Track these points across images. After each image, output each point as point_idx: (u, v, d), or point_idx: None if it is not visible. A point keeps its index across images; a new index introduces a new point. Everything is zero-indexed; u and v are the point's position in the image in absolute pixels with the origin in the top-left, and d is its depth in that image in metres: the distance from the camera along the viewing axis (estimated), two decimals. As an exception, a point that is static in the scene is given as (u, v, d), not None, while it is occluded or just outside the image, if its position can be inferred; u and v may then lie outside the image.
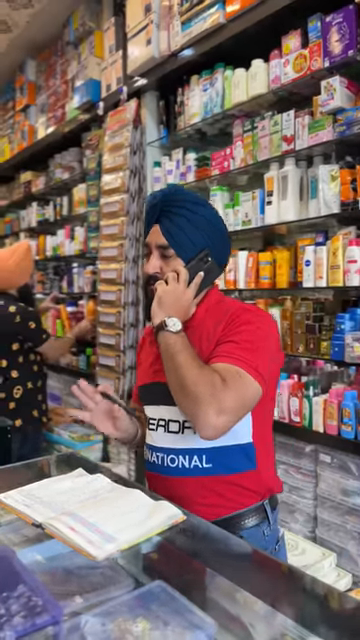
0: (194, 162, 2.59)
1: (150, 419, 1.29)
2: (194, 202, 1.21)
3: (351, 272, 1.87)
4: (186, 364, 1.07)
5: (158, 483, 1.25)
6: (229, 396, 1.04)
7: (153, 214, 1.21)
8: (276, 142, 2.13)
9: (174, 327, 1.12)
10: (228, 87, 2.34)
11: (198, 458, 1.18)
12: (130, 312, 2.79)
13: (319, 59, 1.95)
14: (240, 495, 1.19)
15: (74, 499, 1.15)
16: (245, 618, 0.83)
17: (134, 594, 0.87)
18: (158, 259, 1.22)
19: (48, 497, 1.17)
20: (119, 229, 2.78)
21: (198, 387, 1.04)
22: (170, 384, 1.12)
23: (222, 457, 1.16)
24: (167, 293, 1.15)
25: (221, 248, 1.24)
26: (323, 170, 1.95)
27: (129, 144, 2.77)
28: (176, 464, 1.21)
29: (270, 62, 2.16)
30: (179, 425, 1.21)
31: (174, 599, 0.83)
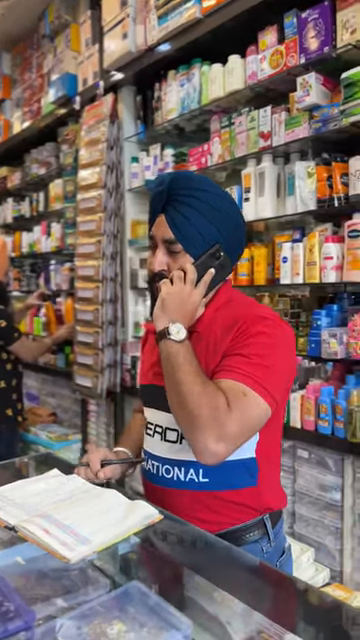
0: (172, 158, 2.57)
1: (148, 423, 1.23)
2: (205, 190, 1.08)
3: (327, 268, 1.87)
4: (188, 381, 0.98)
5: (152, 492, 1.19)
6: (232, 421, 0.95)
7: (159, 202, 1.08)
8: (253, 138, 2.13)
9: (177, 335, 1.01)
10: (205, 82, 2.33)
11: (194, 472, 1.11)
12: (108, 309, 2.76)
13: (295, 55, 1.95)
14: (237, 512, 1.11)
15: (48, 500, 1.13)
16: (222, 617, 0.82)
17: (110, 596, 0.85)
18: (164, 254, 1.09)
19: (21, 499, 1.14)
20: (96, 225, 2.75)
21: (199, 409, 0.95)
22: (169, 399, 1.03)
23: (221, 472, 1.08)
24: (171, 295, 1.03)
25: (235, 241, 1.12)
26: (299, 167, 1.95)
27: (106, 139, 2.74)
28: (171, 475, 1.14)
29: (247, 58, 2.15)
30: (177, 435, 1.13)
31: (150, 599, 0.81)
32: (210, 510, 1.11)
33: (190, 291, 1.05)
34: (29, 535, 0.98)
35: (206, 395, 0.96)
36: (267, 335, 1.04)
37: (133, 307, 2.88)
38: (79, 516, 1.03)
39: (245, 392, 0.98)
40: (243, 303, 1.16)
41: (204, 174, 2.44)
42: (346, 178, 1.83)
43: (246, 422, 0.98)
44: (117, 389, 2.83)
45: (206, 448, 0.95)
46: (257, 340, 1.03)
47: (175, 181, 1.07)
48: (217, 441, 0.94)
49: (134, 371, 2.78)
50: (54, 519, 1.02)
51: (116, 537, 0.98)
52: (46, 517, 1.02)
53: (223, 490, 1.10)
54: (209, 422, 0.94)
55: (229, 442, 0.96)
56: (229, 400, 0.97)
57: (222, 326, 1.09)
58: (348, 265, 1.80)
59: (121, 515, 1.05)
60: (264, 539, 1.15)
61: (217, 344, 1.08)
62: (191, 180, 1.09)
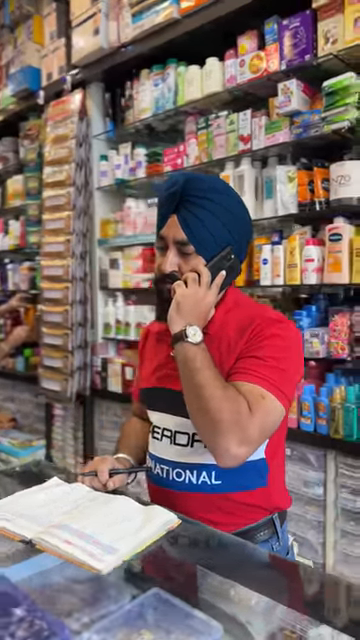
0: (145, 157, 2.55)
1: (154, 426, 1.22)
2: (219, 191, 1.08)
3: (308, 270, 1.93)
4: (208, 384, 0.97)
5: (161, 496, 1.17)
6: (254, 425, 0.96)
7: (171, 202, 1.07)
8: (232, 141, 2.15)
9: (194, 337, 1.00)
10: (181, 83, 2.33)
11: (207, 474, 1.11)
12: (78, 310, 2.69)
13: (276, 61, 1.99)
14: (248, 512, 1.13)
15: (57, 511, 1.09)
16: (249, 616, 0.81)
17: (132, 605, 0.83)
18: (176, 256, 1.08)
19: (28, 510, 1.10)
20: (65, 224, 2.67)
21: (222, 414, 0.95)
22: (188, 402, 1.02)
23: (233, 474, 1.09)
24: (187, 297, 1.03)
25: (244, 242, 1.14)
26: (280, 171, 1.99)
27: (74, 136, 2.67)
28: (182, 479, 1.13)
29: (225, 61, 2.17)
30: (188, 438, 1.13)
31: (174, 606, 0.80)
32: (222, 512, 1.12)
33: (205, 293, 1.05)
34: (51, 548, 0.94)
35: (227, 399, 0.97)
36: (281, 338, 1.06)
37: (102, 308, 2.83)
38: (98, 525, 1.00)
39: (264, 395, 1.00)
40: (253, 305, 1.17)
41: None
42: (327, 183, 1.89)
43: (266, 425, 1.00)
44: (87, 392, 2.76)
45: (228, 452, 0.96)
46: (272, 343, 1.05)
47: (189, 182, 1.07)
48: (239, 445, 0.95)
49: (104, 373, 2.73)
50: (73, 529, 0.98)
51: (140, 545, 0.96)
52: (63, 527, 0.99)
53: (235, 492, 1.12)
54: (232, 426, 0.95)
55: (250, 445, 0.97)
56: (250, 404, 0.97)
57: (235, 328, 1.10)
58: (329, 267, 1.86)
59: (140, 522, 1.03)
60: (274, 538, 1.17)
61: (230, 346, 1.09)
62: (205, 182, 1.09)
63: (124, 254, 2.68)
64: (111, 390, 2.70)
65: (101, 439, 2.84)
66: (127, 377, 2.59)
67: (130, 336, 2.64)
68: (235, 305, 1.16)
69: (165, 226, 1.09)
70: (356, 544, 1.85)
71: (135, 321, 2.62)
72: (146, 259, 2.57)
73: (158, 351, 1.25)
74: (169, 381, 1.17)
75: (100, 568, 0.88)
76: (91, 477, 1.17)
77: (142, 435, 1.34)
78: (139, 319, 2.59)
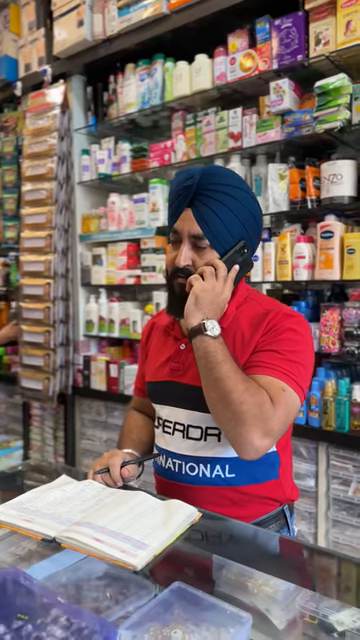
0: (130, 152, 2.53)
1: (165, 421, 1.21)
2: (235, 185, 1.07)
3: (300, 267, 1.97)
4: (230, 378, 0.97)
5: (171, 490, 1.16)
6: (276, 417, 0.97)
7: (186, 196, 1.06)
8: (222, 138, 2.16)
9: (213, 331, 1.01)
10: (169, 79, 2.32)
11: (221, 467, 1.11)
12: (60, 307, 2.64)
13: (268, 60, 2.01)
14: (260, 504, 1.14)
15: (77, 508, 1.08)
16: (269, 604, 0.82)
17: (157, 600, 0.83)
18: (190, 250, 1.08)
19: (47, 509, 1.07)
20: (47, 218, 2.61)
21: (245, 406, 0.95)
22: (209, 396, 1.02)
23: (246, 467, 1.10)
24: (205, 291, 1.03)
25: (255, 237, 1.14)
26: (272, 169, 2.02)
27: (56, 129, 2.62)
28: (196, 473, 1.13)
29: (215, 58, 2.18)
30: (201, 432, 1.13)
31: (198, 598, 0.80)
32: (235, 504, 1.13)
33: (222, 287, 1.06)
34: (78, 546, 0.92)
35: (250, 392, 0.98)
36: (296, 332, 1.08)
37: (84, 305, 2.78)
38: (122, 521, 0.99)
39: (284, 388, 1.01)
40: (264, 299, 1.18)
41: (167, 170, 2.44)
42: (318, 181, 1.93)
43: (287, 418, 1.02)
44: (69, 391, 2.71)
45: (251, 444, 0.97)
46: (288, 336, 1.07)
47: (206, 176, 1.06)
48: (263, 437, 0.97)
49: (87, 371, 2.69)
50: (98, 526, 0.97)
51: (168, 539, 0.96)
52: (88, 525, 0.97)
53: (248, 484, 1.13)
54: (255, 418, 0.96)
55: (273, 438, 0.99)
56: (271, 396, 0.99)
57: (248, 322, 1.11)
58: (320, 264, 1.91)
59: (162, 516, 1.03)
60: (284, 529, 1.20)
61: (245, 339, 1.10)
62: (222, 175, 1.08)
63: (108, 250, 2.65)
64: (94, 388, 2.66)
65: (83, 438, 2.80)
66: (112, 375, 2.56)
67: (114, 333, 2.61)
68: (246, 299, 1.17)
69: (179, 219, 1.09)
70: (347, 532, 1.91)
71: (120, 318, 2.59)
72: (131, 255, 2.55)
73: (165, 344, 1.25)
74: (179, 375, 1.17)
75: (134, 564, 0.87)
76: (103, 474, 1.16)
77: (145, 430, 1.34)
78: (124, 316, 2.57)
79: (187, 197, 1.06)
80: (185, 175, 1.09)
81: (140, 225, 2.47)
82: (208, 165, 1.12)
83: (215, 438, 1.12)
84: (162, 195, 2.40)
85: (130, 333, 2.54)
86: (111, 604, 0.84)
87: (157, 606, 0.81)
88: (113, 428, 2.64)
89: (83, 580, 0.92)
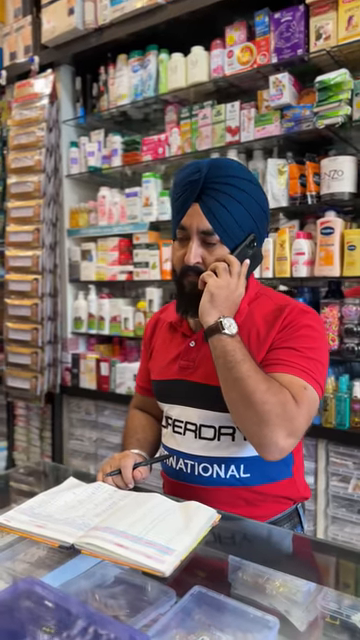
0: (121, 145, 2.47)
1: (175, 420, 1.17)
2: (244, 177, 1.03)
3: (299, 264, 1.95)
4: (251, 377, 0.94)
5: (183, 492, 1.13)
6: (301, 416, 0.95)
7: (193, 190, 1.02)
8: (219, 132, 2.13)
9: (230, 329, 0.97)
10: (164, 71, 2.27)
11: (236, 467, 1.09)
12: (48, 304, 2.56)
13: (267, 54, 1.99)
14: (275, 503, 1.12)
15: (91, 512, 1.03)
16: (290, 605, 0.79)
17: (178, 606, 0.80)
18: (199, 246, 1.04)
19: (59, 513, 1.02)
20: (34, 212, 2.53)
21: (268, 406, 0.93)
22: (229, 396, 0.99)
23: (261, 466, 1.07)
24: (220, 288, 1.00)
25: (264, 229, 1.10)
26: (271, 164, 2.00)
27: (44, 120, 2.53)
28: (210, 473, 1.10)
29: (212, 51, 2.14)
30: (214, 431, 1.10)
31: (221, 603, 0.78)
32: (249, 504, 1.11)
33: (236, 283, 1.03)
34: (100, 552, 0.88)
35: (272, 391, 0.95)
36: (313, 328, 1.06)
37: (72, 301, 2.71)
38: (141, 525, 0.95)
39: (305, 386, 0.99)
40: (276, 295, 1.16)
41: (160, 164, 2.40)
42: (318, 177, 1.92)
43: (310, 416, 1.00)
44: (57, 390, 2.64)
45: (276, 444, 0.94)
46: (305, 333, 1.05)
47: (214, 169, 1.02)
48: (287, 437, 0.94)
49: (76, 370, 2.62)
50: (118, 531, 0.92)
51: (193, 542, 0.92)
52: (107, 530, 0.92)
53: (263, 484, 1.11)
54: (279, 418, 0.93)
55: (297, 437, 0.97)
56: (294, 395, 0.97)
57: (263, 318, 1.09)
58: (320, 261, 1.90)
59: (182, 519, 0.99)
60: (298, 528, 1.18)
61: (260, 336, 1.07)
62: (230, 167, 1.04)
63: (98, 245, 2.59)
64: (84, 387, 2.59)
65: (71, 438, 2.73)
66: (102, 373, 2.50)
67: (104, 330, 2.55)
68: (257, 295, 1.14)
69: (186, 215, 1.04)
70: (346, 529, 1.91)
71: (111, 315, 2.53)
72: (123, 251, 2.50)
73: (173, 341, 1.21)
74: (189, 373, 1.14)
75: (163, 570, 0.83)
76: (114, 476, 1.12)
77: (150, 429, 1.30)
78: (115, 313, 2.51)
79: (194, 192, 1.02)
80: (191, 168, 1.04)
81: (132, 220, 2.42)
82: (214, 157, 1.09)
83: (229, 437, 1.09)
84: (155, 189, 2.35)
85: (121, 330, 2.48)
86: (132, 612, 0.81)
87: (180, 612, 0.78)
88: (103, 427, 2.58)
89: (99, 587, 0.88)
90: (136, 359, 2.50)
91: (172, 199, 1.11)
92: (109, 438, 2.55)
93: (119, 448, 2.49)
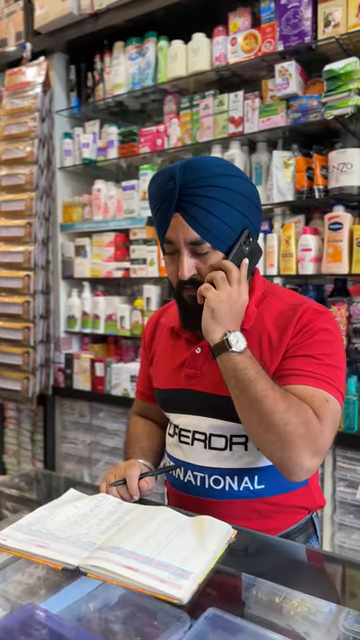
0: (118, 137, 2.37)
1: (182, 430, 1.08)
2: (224, 173, 0.95)
3: (305, 260, 1.87)
4: (267, 397, 0.87)
5: (192, 505, 1.05)
6: (325, 433, 0.89)
7: (170, 201, 0.93)
8: (222, 123, 2.04)
9: (238, 345, 0.89)
10: (163, 59, 2.18)
11: (249, 479, 1.02)
12: (40, 302, 2.45)
13: (273, 41, 1.91)
14: (290, 513, 1.06)
15: (95, 529, 0.94)
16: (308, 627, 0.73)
17: (194, 631, 0.73)
18: (191, 258, 0.96)
19: (61, 530, 0.93)
20: (26, 205, 2.42)
21: (290, 426, 0.86)
22: (246, 419, 0.92)
23: (276, 476, 0.98)
24: (221, 301, 0.92)
25: (258, 220, 1.02)
26: (277, 156, 1.92)
27: (37, 109, 2.43)
28: (222, 486, 1.03)
29: (214, 38, 2.06)
30: (226, 440, 1.02)
31: (238, 627, 0.71)
32: (263, 517, 1.03)
33: (238, 292, 0.94)
34: (109, 576, 0.79)
35: (292, 409, 0.88)
36: (329, 332, 0.98)
37: (65, 299, 2.61)
38: (152, 544, 0.86)
39: (327, 399, 0.92)
40: (285, 293, 1.07)
41: (158, 157, 2.30)
42: (325, 170, 1.84)
43: (334, 430, 0.93)
44: (49, 391, 2.54)
45: (301, 466, 0.88)
46: (322, 337, 0.97)
47: (189, 172, 0.93)
48: (313, 457, 0.88)
49: (69, 370, 2.52)
50: (126, 551, 0.84)
51: (209, 563, 0.84)
52: (114, 550, 0.84)
53: (278, 494, 1.03)
54: (303, 439, 0.86)
55: (322, 455, 0.90)
56: (316, 410, 0.90)
57: (274, 321, 1.00)
58: (328, 257, 1.82)
59: (196, 536, 0.91)
60: (313, 538, 1.12)
61: (272, 342, 0.99)
62: (206, 167, 0.95)
63: (93, 241, 2.49)
64: (77, 388, 2.49)
65: (64, 441, 2.63)
66: (97, 374, 2.40)
67: (99, 329, 2.46)
68: (264, 294, 1.05)
69: (169, 228, 0.96)
70: (353, 537, 1.84)
71: (106, 313, 2.43)
72: (119, 246, 2.40)
73: (176, 348, 1.13)
74: (196, 382, 1.06)
75: (180, 597, 0.74)
76: (119, 486, 1.04)
77: (154, 437, 1.22)
78: (110, 311, 2.41)
79: (172, 202, 0.94)
80: (164, 177, 0.96)
81: (129, 214, 2.32)
82: (186, 159, 1.01)
83: (241, 447, 1.01)
84: (154, 183, 2.26)
85: (117, 329, 2.39)
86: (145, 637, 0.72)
87: (195, 638, 0.70)
88: (97, 430, 2.49)
89: (105, 611, 0.79)
90: (132, 359, 2.41)
91: (151, 210, 1.02)
92: (104, 441, 2.45)
93: (114, 452, 2.42)
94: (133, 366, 2.30)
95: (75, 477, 2.57)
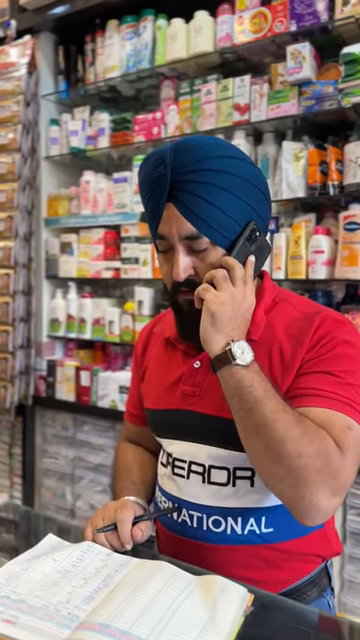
0: (110, 124, 2.17)
1: (176, 459, 0.92)
2: (224, 155, 0.81)
3: (317, 264, 1.69)
4: (277, 421, 0.72)
5: (187, 550, 0.88)
6: (347, 468, 0.73)
7: (161, 189, 0.80)
8: (226, 110, 1.86)
9: (243, 357, 0.75)
10: (162, 39, 1.98)
11: (255, 521, 0.86)
12: (21, 303, 2.24)
13: (285, 20, 1.72)
14: (302, 562, 0.89)
15: (79, 594, 0.76)
16: None
17: None
18: (187, 255, 0.82)
19: (36, 597, 0.76)
20: (7, 197, 2.21)
21: (305, 459, 0.70)
22: (251, 446, 0.76)
23: (287, 518, 0.82)
24: (223, 304, 0.77)
25: (266, 210, 0.88)
26: (287, 148, 1.73)
27: (21, 92, 2.22)
28: (223, 528, 0.86)
29: (218, 17, 1.87)
30: (228, 474, 0.86)
31: None
32: (270, 566, 0.87)
33: (243, 292, 0.80)
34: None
35: (308, 437, 0.72)
36: (352, 345, 0.82)
37: (48, 301, 2.40)
38: (151, 619, 0.69)
39: (350, 425, 0.76)
40: (298, 300, 0.91)
41: (154, 147, 2.11)
42: (341, 165, 1.67)
43: (357, 463, 0.76)
44: (29, 401, 2.32)
45: (317, 508, 0.71)
46: (343, 352, 0.81)
47: (181, 154, 0.80)
48: (332, 496, 0.72)
49: (51, 379, 2.31)
50: (118, 631, 0.66)
51: (226, 643, 0.65)
52: (104, 629, 0.68)
53: (289, 540, 0.87)
54: (320, 474, 0.71)
55: (342, 494, 0.74)
56: (336, 439, 0.73)
57: (287, 332, 0.85)
58: (343, 261, 1.64)
59: (206, 605, 0.74)
60: (327, 591, 0.95)
61: (286, 357, 0.83)
62: (201, 147, 0.81)
63: (80, 237, 2.28)
64: (60, 398, 2.28)
65: (44, 456, 2.41)
66: (83, 383, 2.20)
67: (85, 334, 2.25)
68: (275, 302, 0.90)
69: (162, 221, 0.83)
70: (365, 571, 1.66)
71: (93, 317, 2.23)
72: (109, 244, 2.20)
73: (171, 361, 0.96)
74: (195, 402, 0.89)
75: None
76: (110, 532, 0.86)
77: (147, 467, 1.05)
78: (98, 314, 2.21)
79: (163, 190, 0.80)
80: (154, 161, 0.82)
81: (121, 209, 2.12)
82: (178, 140, 0.84)
83: (247, 482, 0.85)
84: (149, 175, 2.06)
85: (105, 335, 2.19)
86: None
87: None
88: (81, 445, 2.28)
89: None
90: (122, 368, 2.21)
91: (142, 202, 0.87)
92: (88, 457, 2.25)
93: (99, 469, 2.21)
94: (122, 375, 2.10)
95: (56, 495, 2.36)
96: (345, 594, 1.69)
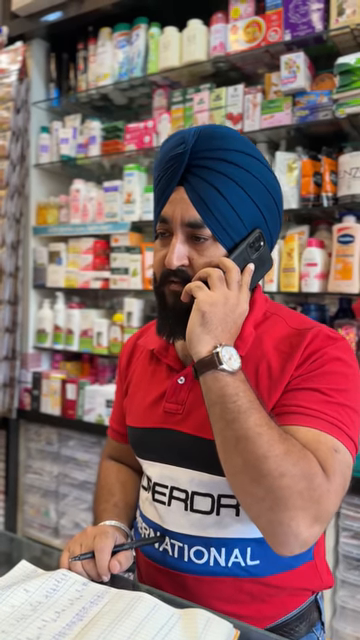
0: (101, 132, 2.14)
1: (156, 484, 0.86)
2: (245, 152, 0.77)
3: (310, 276, 1.65)
4: (261, 435, 0.66)
5: (167, 581, 0.83)
6: (332, 494, 0.67)
7: (176, 169, 0.76)
8: (218, 120, 1.83)
9: (231, 363, 0.69)
10: (155, 48, 1.96)
11: (240, 553, 0.80)
12: (6, 313, 2.18)
13: (279, 30, 1.70)
14: (291, 596, 0.83)
15: (50, 630, 0.71)
16: None
17: None
18: (184, 243, 0.77)
19: (3, 634, 0.71)
20: (-6, 205, 2.16)
21: (287, 479, 0.64)
22: (229, 462, 0.70)
23: None
24: (215, 305, 0.72)
25: (275, 225, 0.83)
26: (280, 158, 1.70)
27: (12, 99, 2.18)
28: (205, 560, 0.80)
29: (212, 26, 1.85)
30: (212, 502, 0.80)
31: None
32: (256, 600, 0.81)
33: (237, 297, 0.75)
34: None
35: (291, 457, 0.66)
36: (344, 362, 0.76)
37: (35, 311, 2.34)
38: None
39: (337, 448, 0.70)
40: (290, 315, 0.86)
41: (145, 156, 2.08)
42: (335, 176, 1.64)
43: (343, 489, 0.70)
44: (13, 415, 2.25)
45: (295, 535, 0.65)
46: (334, 369, 0.76)
47: (204, 139, 0.76)
48: (313, 524, 0.66)
49: (36, 391, 2.24)
50: None
51: None
52: None
53: (276, 573, 0.81)
54: (302, 498, 0.65)
55: (324, 522, 0.68)
56: (322, 462, 0.68)
57: (276, 348, 0.79)
58: (337, 274, 1.60)
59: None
60: (317, 626, 0.88)
61: (274, 374, 0.77)
62: (225, 137, 0.77)
63: (69, 246, 2.23)
64: (45, 412, 2.21)
65: (28, 471, 2.33)
66: (69, 397, 2.13)
67: (73, 346, 2.19)
68: (266, 316, 0.84)
69: (168, 203, 0.78)
70: (358, 596, 1.59)
71: (80, 328, 2.17)
72: (98, 254, 2.15)
73: (155, 376, 0.91)
74: (178, 421, 0.84)
75: None
76: (87, 560, 0.79)
77: (130, 488, 0.99)
78: (86, 325, 2.15)
79: (178, 170, 0.76)
80: (175, 140, 0.78)
81: (111, 218, 2.08)
82: (206, 124, 0.80)
83: (232, 511, 0.80)
84: (139, 184, 2.02)
85: (93, 347, 2.13)
86: None
87: None
88: (66, 461, 2.20)
89: None
90: (109, 381, 2.15)
91: (154, 183, 0.82)
92: (73, 473, 2.17)
93: (84, 486, 2.13)
94: (110, 389, 2.03)
95: (40, 512, 2.28)
96: (337, 620, 1.62)
